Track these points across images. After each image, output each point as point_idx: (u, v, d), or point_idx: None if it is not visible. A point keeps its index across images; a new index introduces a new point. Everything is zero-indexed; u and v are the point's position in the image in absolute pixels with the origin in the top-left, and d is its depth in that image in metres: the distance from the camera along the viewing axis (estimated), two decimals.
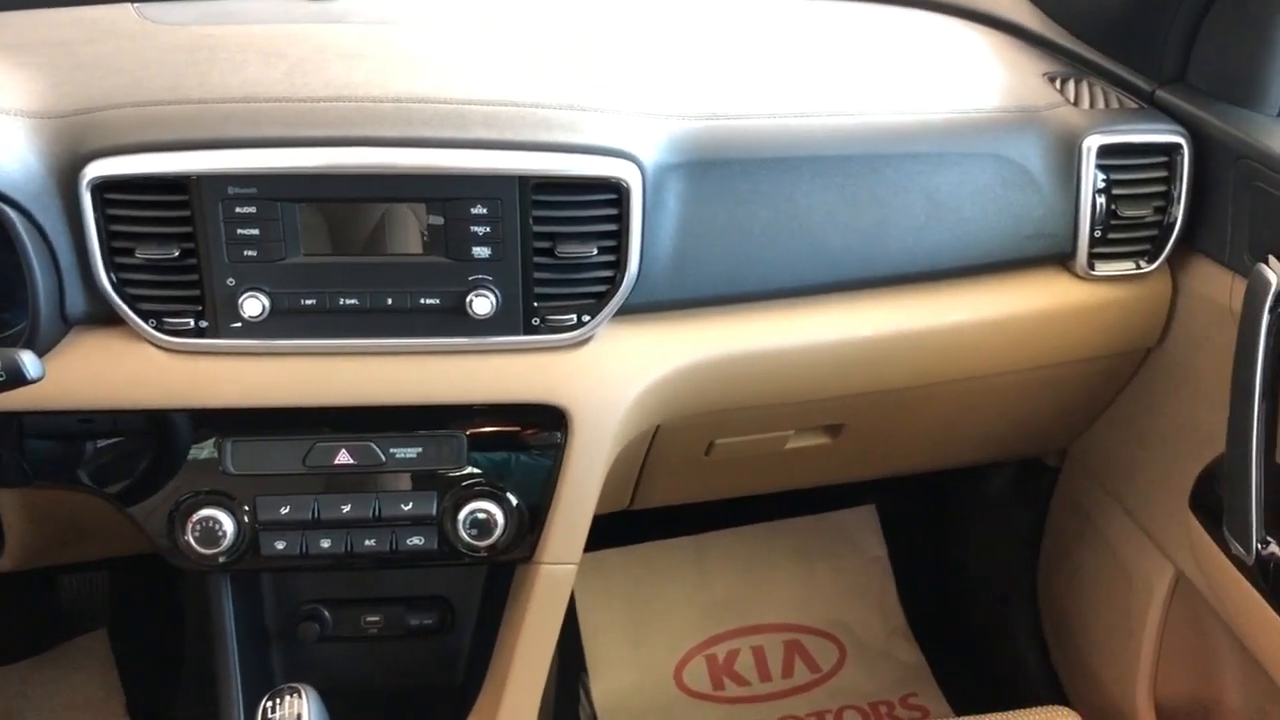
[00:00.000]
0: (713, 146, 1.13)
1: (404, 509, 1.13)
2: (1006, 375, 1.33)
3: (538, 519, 1.15)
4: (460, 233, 1.06)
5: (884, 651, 1.97)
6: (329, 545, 1.13)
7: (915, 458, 1.54)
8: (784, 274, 1.17)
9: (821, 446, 1.39)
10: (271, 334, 1.08)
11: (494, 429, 1.14)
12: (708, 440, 1.32)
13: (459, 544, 1.14)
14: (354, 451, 1.12)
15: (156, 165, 1.03)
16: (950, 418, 1.41)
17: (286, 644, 1.32)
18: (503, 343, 1.11)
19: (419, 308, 1.08)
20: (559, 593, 1.18)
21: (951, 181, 1.20)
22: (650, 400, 1.16)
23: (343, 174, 1.04)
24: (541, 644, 1.19)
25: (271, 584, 1.31)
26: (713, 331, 1.17)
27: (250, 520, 1.11)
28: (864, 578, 2.05)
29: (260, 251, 1.05)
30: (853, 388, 1.26)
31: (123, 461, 1.13)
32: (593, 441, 1.13)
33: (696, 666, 1.94)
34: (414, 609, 1.33)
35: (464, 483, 1.13)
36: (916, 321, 1.22)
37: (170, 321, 1.07)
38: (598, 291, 1.10)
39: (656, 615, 1.99)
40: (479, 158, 1.05)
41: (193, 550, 1.11)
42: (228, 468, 1.11)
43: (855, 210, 1.17)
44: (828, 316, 1.20)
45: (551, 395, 1.12)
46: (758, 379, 1.20)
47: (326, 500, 1.12)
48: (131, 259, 1.05)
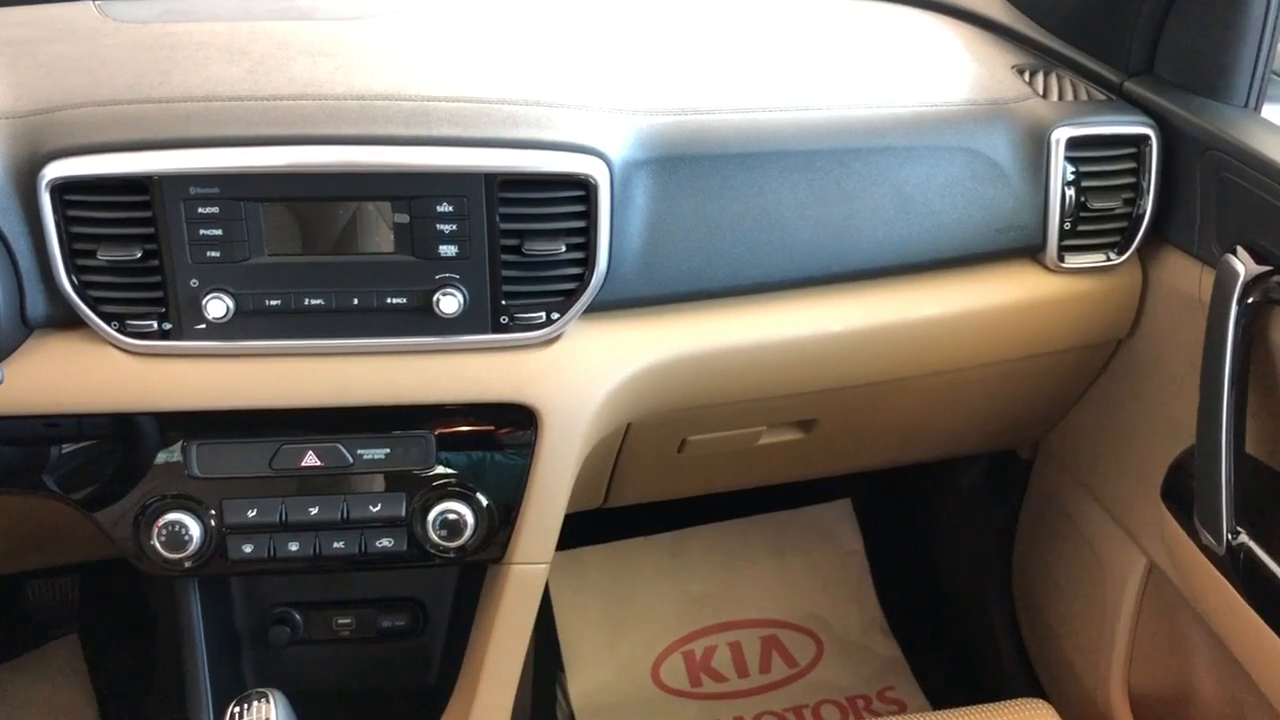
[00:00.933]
0: (680, 142, 1.12)
1: (373, 510, 1.12)
2: (978, 368, 1.33)
3: (508, 519, 1.14)
4: (426, 231, 1.05)
5: (861, 645, 1.97)
6: (297, 548, 1.11)
7: (889, 451, 1.54)
8: (754, 269, 1.16)
9: (795, 442, 1.39)
10: (236, 335, 1.07)
11: (463, 429, 1.13)
12: (680, 437, 1.32)
13: (429, 545, 1.13)
14: (321, 453, 1.11)
15: (117, 165, 1.01)
16: (923, 411, 1.41)
17: (257, 648, 1.31)
18: (471, 341, 1.10)
19: (386, 307, 1.07)
20: (530, 593, 1.17)
21: (920, 175, 1.19)
22: (621, 398, 1.15)
23: (306, 172, 1.03)
24: (513, 644, 1.19)
25: (241, 587, 1.30)
26: (683, 328, 1.16)
27: (217, 524, 1.10)
28: (840, 571, 2.05)
29: (223, 252, 1.04)
30: (824, 383, 1.25)
31: (88, 466, 1.12)
32: (563, 440, 1.13)
33: (674, 663, 1.94)
34: (386, 610, 1.32)
35: (433, 483, 1.13)
36: (887, 315, 1.22)
37: (133, 324, 1.06)
38: (566, 289, 1.10)
39: (633, 612, 1.98)
40: (444, 155, 1.04)
41: (159, 555, 1.10)
42: (193, 471, 1.09)
43: (824, 205, 1.17)
44: (798, 312, 1.19)
45: (520, 394, 1.11)
46: (729, 375, 1.20)
47: (294, 503, 1.11)
48: (93, 261, 1.03)
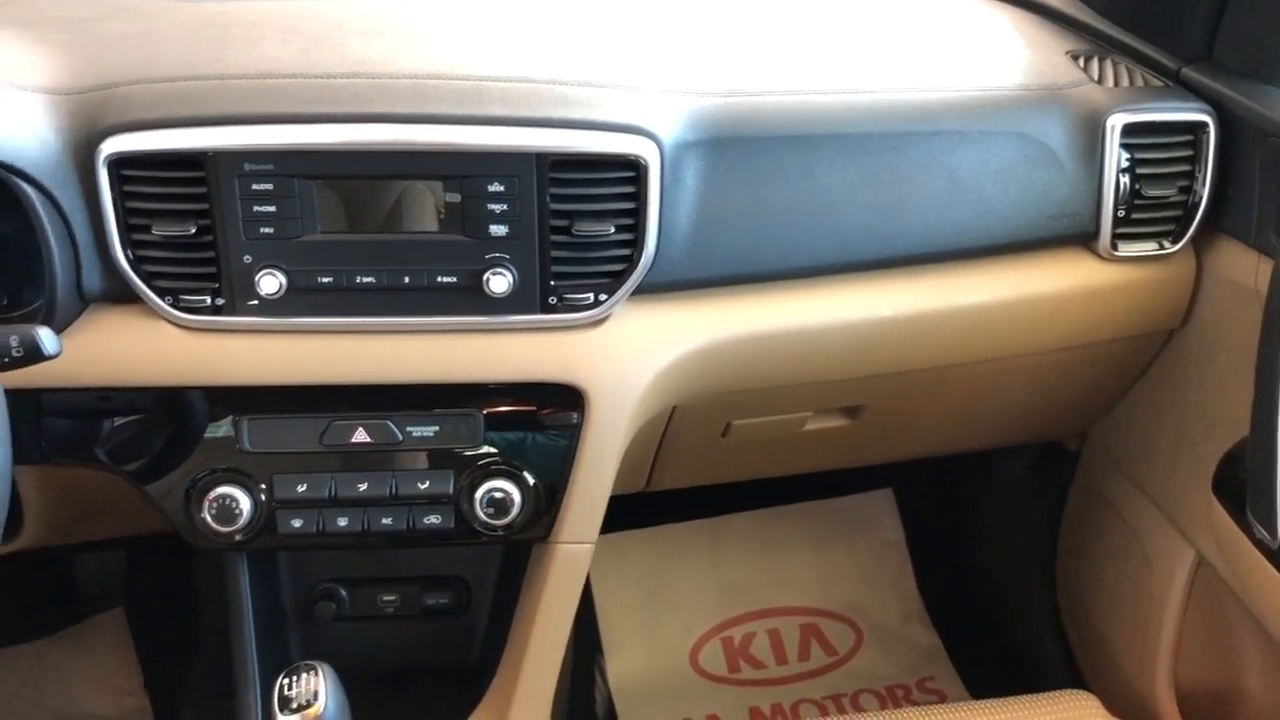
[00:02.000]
0: (732, 123, 1.12)
1: (421, 488, 1.12)
2: (1027, 357, 1.32)
3: (554, 498, 1.15)
4: (477, 210, 1.05)
5: (900, 635, 1.96)
6: (346, 524, 1.12)
7: (934, 440, 1.52)
8: (803, 253, 1.16)
9: (840, 428, 1.38)
10: (288, 312, 1.07)
11: (510, 408, 1.13)
12: (725, 421, 1.31)
13: (475, 523, 1.14)
14: (371, 430, 1.11)
15: (173, 141, 1.02)
16: (970, 400, 1.39)
17: (302, 623, 1.32)
18: (519, 321, 1.10)
19: (436, 286, 1.08)
20: (575, 572, 1.18)
21: (973, 160, 1.18)
22: (667, 380, 1.15)
23: (359, 150, 1.03)
24: (558, 624, 1.19)
25: (288, 563, 1.31)
26: (731, 311, 1.16)
27: (267, 498, 1.11)
28: (880, 561, 2.04)
29: (277, 229, 1.04)
30: (872, 369, 1.25)
31: (139, 439, 1.13)
32: (609, 421, 1.13)
33: (712, 649, 1.94)
34: (430, 588, 1.33)
35: (480, 461, 1.13)
36: (937, 302, 1.21)
37: (187, 299, 1.07)
38: (614, 270, 1.10)
39: (672, 598, 1.99)
40: (496, 134, 1.04)
41: (209, 528, 1.11)
42: (244, 446, 1.10)
43: (876, 188, 1.16)
44: (848, 296, 1.19)
45: (568, 374, 1.11)
46: (776, 359, 1.19)
47: (343, 479, 1.12)
48: (148, 236, 1.04)
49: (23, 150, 1.02)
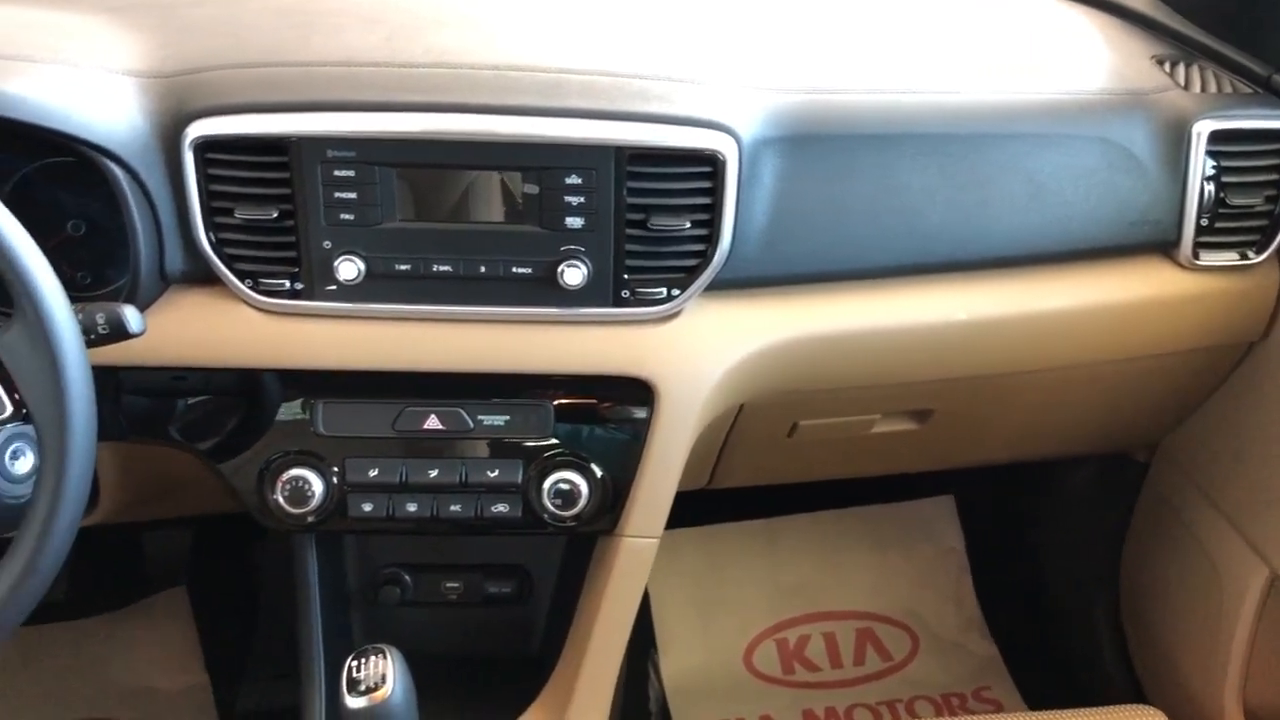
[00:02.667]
0: (811, 121, 1.11)
1: (490, 476, 1.13)
2: (1102, 365, 1.30)
3: (621, 492, 1.15)
4: (554, 202, 1.06)
5: (957, 643, 1.94)
6: (415, 509, 1.13)
7: (1003, 447, 1.51)
8: (879, 253, 1.15)
9: (908, 432, 1.37)
10: (365, 298, 1.09)
11: (580, 400, 1.13)
12: (791, 421, 1.31)
13: (543, 513, 1.14)
14: (443, 417, 1.12)
15: (258, 126, 1.03)
16: (1042, 407, 1.38)
17: (366, 606, 1.33)
18: (592, 314, 1.10)
19: (511, 276, 1.08)
20: (640, 566, 1.18)
21: (1055, 163, 1.17)
22: (737, 377, 1.15)
23: (441, 140, 1.04)
24: (621, 618, 1.19)
25: (353, 547, 1.33)
26: (803, 310, 1.15)
27: (339, 481, 1.12)
28: (939, 568, 2.02)
29: (357, 215, 1.05)
30: (944, 372, 1.24)
31: (214, 419, 1.15)
32: (678, 416, 1.13)
33: (766, 649, 1.93)
34: (492, 577, 1.34)
35: (549, 452, 1.14)
36: (1013, 306, 1.20)
37: (266, 282, 1.08)
38: (688, 265, 1.10)
39: (728, 596, 1.98)
40: (575, 127, 1.04)
41: (281, 509, 1.12)
42: (318, 428, 1.12)
43: (955, 190, 1.15)
44: (923, 298, 1.18)
45: (639, 368, 1.11)
46: (848, 360, 1.19)
47: (414, 464, 1.13)
48: (230, 219, 1.06)
49: (113, 132, 1.03)
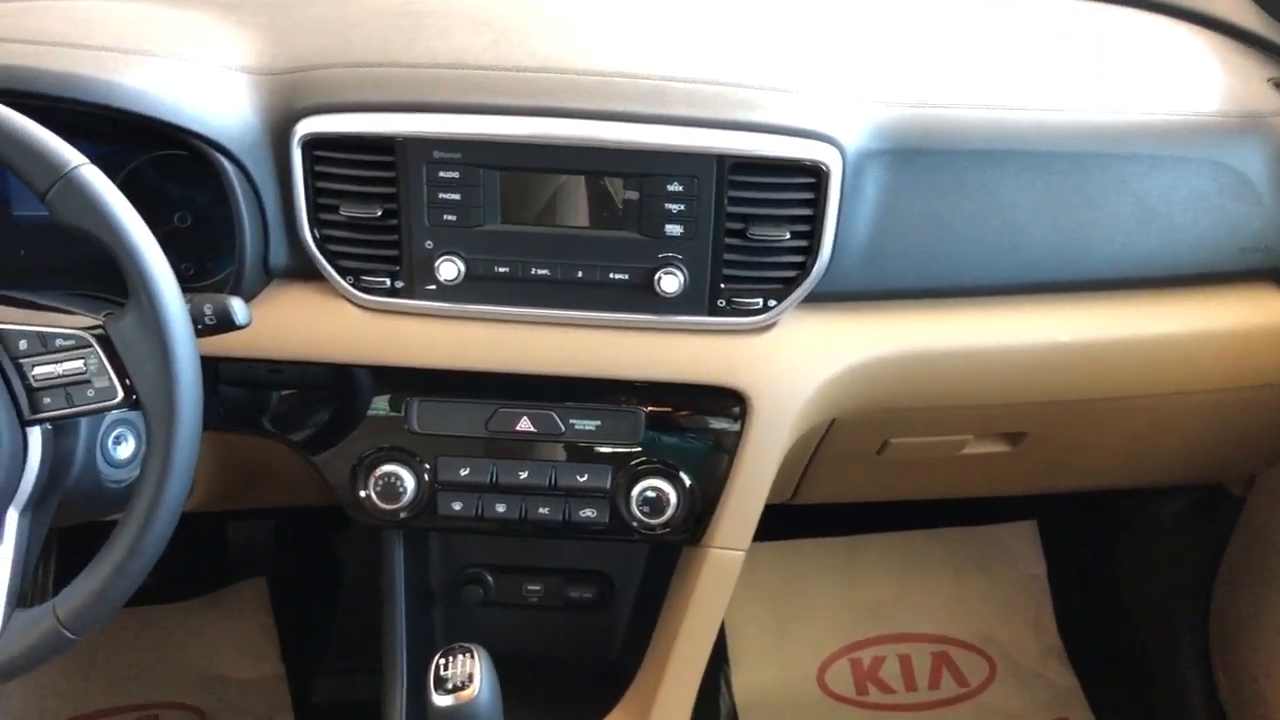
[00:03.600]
0: (917, 135, 1.10)
1: (579, 480, 1.13)
2: (1205, 393, 1.26)
3: (709, 502, 1.14)
4: (654, 209, 1.06)
5: (1036, 672, 1.91)
6: (504, 510, 1.14)
7: (1096, 474, 1.47)
8: (981, 271, 1.13)
9: (999, 455, 1.35)
10: (464, 299, 1.09)
11: (672, 408, 1.13)
12: (882, 439, 1.29)
13: (630, 520, 1.14)
14: (535, 419, 1.12)
15: (365, 125, 1.04)
16: (1138, 434, 1.34)
17: (449, 605, 1.34)
18: (687, 322, 1.10)
19: (608, 282, 1.08)
20: (726, 578, 1.17)
21: (1165, 186, 1.14)
22: (831, 392, 1.13)
23: (545, 144, 1.04)
24: (704, 629, 1.18)
25: (438, 546, 1.34)
26: (902, 326, 1.14)
27: (430, 479, 1.13)
28: (1020, 594, 1.98)
29: (459, 216, 1.06)
30: (1042, 395, 1.21)
31: (310, 412, 1.16)
32: (770, 429, 1.12)
33: (840, 669, 1.91)
34: (574, 581, 1.34)
35: (639, 459, 1.13)
36: (1117, 330, 1.17)
37: (368, 280, 1.09)
38: (786, 277, 1.09)
39: (803, 613, 1.96)
40: (679, 135, 1.04)
41: (373, 504, 1.13)
42: (412, 426, 1.13)
43: (1061, 210, 1.13)
44: (1024, 318, 1.15)
45: (733, 379, 1.11)
46: (944, 379, 1.17)
47: (505, 465, 1.13)
48: (335, 216, 1.07)
49: (224, 126, 1.05)
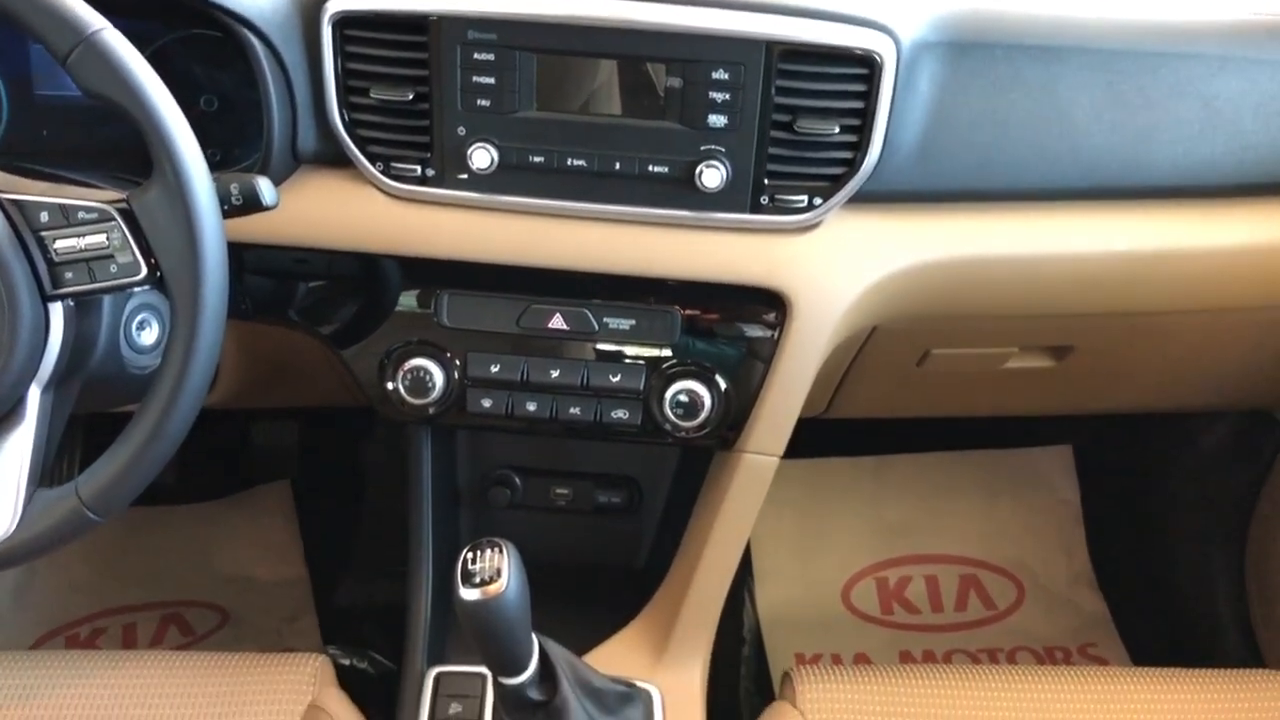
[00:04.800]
0: (975, 27, 1.05)
1: (612, 380, 1.10)
2: (1261, 310, 1.21)
3: (744, 407, 1.11)
4: (698, 98, 1.01)
5: (1066, 597, 1.88)
6: (534, 409, 1.11)
7: (1140, 394, 1.43)
8: (1036, 173, 1.08)
9: (1043, 370, 1.31)
10: (497, 189, 1.06)
11: (710, 309, 1.09)
12: (924, 349, 1.25)
13: (663, 422, 1.11)
14: (568, 317, 1.09)
15: (398, 2, 1.00)
16: (1189, 351, 1.30)
17: (475, 506, 1.33)
18: (728, 220, 1.06)
19: (646, 175, 1.04)
20: (759, 484, 1.14)
21: (1234, 89, 1.08)
22: (875, 297, 1.10)
23: (584, 25, 0.99)
24: (736, 534, 1.16)
25: (466, 446, 1.32)
26: (951, 230, 1.09)
27: (460, 375, 1.10)
28: (1052, 520, 1.96)
29: (493, 102, 1.02)
30: (1093, 306, 1.17)
31: (337, 305, 1.13)
32: (810, 333, 1.08)
33: (865, 588, 1.90)
34: (603, 486, 1.32)
35: (673, 360, 1.10)
36: (1175, 240, 1.12)
37: (398, 167, 1.06)
38: (833, 174, 1.04)
39: (829, 532, 1.95)
40: (727, 18, 0.99)
41: (401, 399, 1.11)
42: (442, 320, 1.10)
43: (1122, 111, 1.07)
44: (1079, 225, 1.11)
45: (773, 279, 1.07)
46: (993, 286, 1.12)
47: (536, 363, 1.10)
48: (365, 99, 1.03)
49: (254, 3, 1.01)
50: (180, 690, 1.12)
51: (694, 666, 1.18)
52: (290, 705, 1.11)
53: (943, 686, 1.15)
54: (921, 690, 1.15)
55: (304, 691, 1.12)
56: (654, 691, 1.14)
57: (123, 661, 1.15)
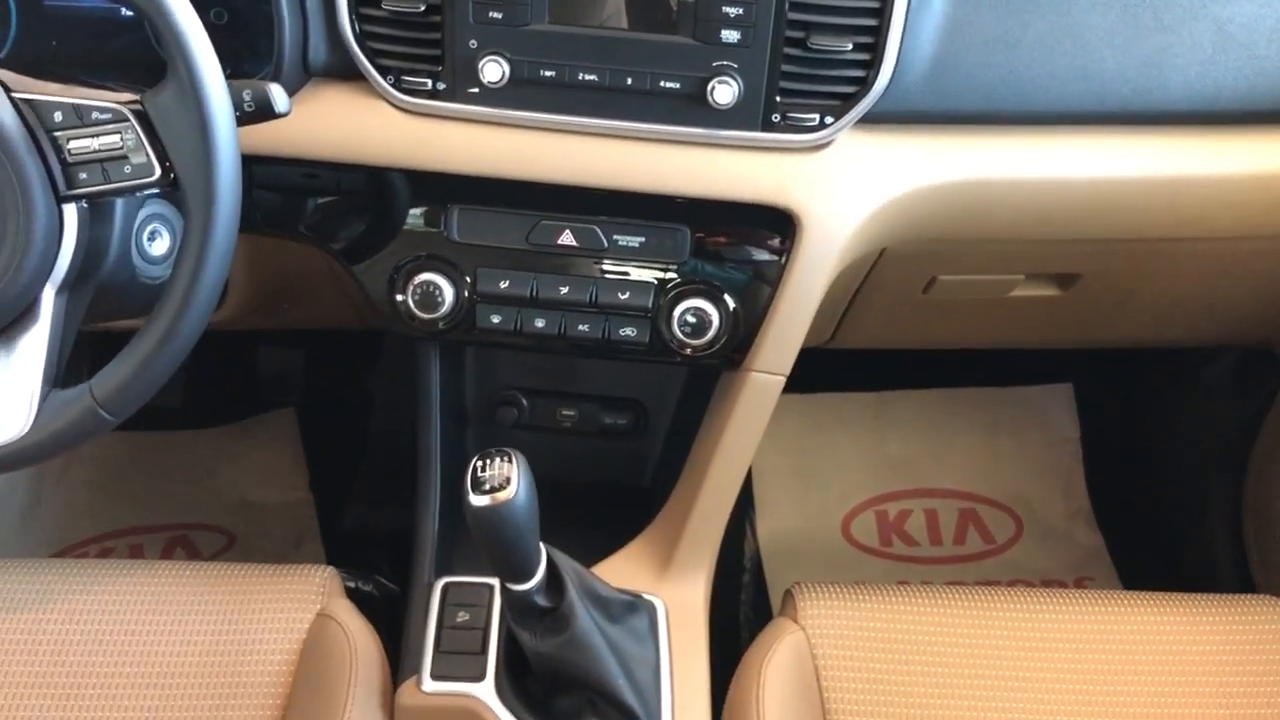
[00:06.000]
0: None
1: (620, 298, 1.10)
2: (1269, 239, 1.21)
3: (752, 326, 1.11)
4: (710, 12, 1.01)
5: (1064, 532, 1.90)
6: (543, 325, 1.11)
7: (1143, 327, 1.43)
8: (1049, 96, 1.08)
9: (1047, 300, 1.31)
10: (507, 103, 1.05)
11: (719, 227, 1.09)
12: (931, 275, 1.25)
13: (670, 340, 1.11)
14: (578, 233, 1.09)
15: None
16: (1195, 283, 1.30)
17: (482, 426, 1.33)
18: (739, 138, 1.06)
19: (658, 91, 1.04)
20: (765, 404, 1.15)
21: (1248, 14, 1.08)
22: (884, 218, 1.10)
23: None
24: (740, 453, 1.17)
25: (474, 366, 1.32)
26: (962, 152, 1.09)
27: (469, 291, 1.11)
28: (1051, 457, 1.97)
29: (505, 14, 1.02)
30: (1101, 231, 1.17)
31: (349, 222, 1.13)
32: (819, 251, 1.08)
33: (865, 520, 1.91)
34: (609, 408, 1.32)
35: (682, 278, 1.10)
36: (1185, 166, 1.12)
37: (409, 80, 1.05)
38: (846, 92, 1.04)
39: (829, 465, 1.96)
40: None
41: (412, 314, 1.11)
42: (452, 235, 1.10)
43: (1135, 34, 1.07)
44: (1090, 149, 1.10)
45: (784, 198, 1.07)
46: (1003, 209, 1.12)
47: (545, 279, 1.10)
48: (376, 10, 1.03)
49: None
50: (190, 598, 1.14)
51: (698, 581, 1.19)
52: (299, 614, 1.12)
53: (941, 606, 1.17)
54: (920, 610, 1.17)
55: (312, 601, 1.14)
56: (658, 603, 1.15)
57: (133, 570, 1.16)
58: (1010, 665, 1.13)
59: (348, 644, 1.09)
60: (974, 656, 1.13)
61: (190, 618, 1.12)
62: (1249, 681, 1.13)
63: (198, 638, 1.11)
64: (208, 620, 1.12)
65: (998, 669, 1.13)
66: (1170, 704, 1.11)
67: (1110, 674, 1.13)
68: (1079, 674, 1.13)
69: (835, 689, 1.10)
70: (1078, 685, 1.12)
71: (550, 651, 1.01)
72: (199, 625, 1.12)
